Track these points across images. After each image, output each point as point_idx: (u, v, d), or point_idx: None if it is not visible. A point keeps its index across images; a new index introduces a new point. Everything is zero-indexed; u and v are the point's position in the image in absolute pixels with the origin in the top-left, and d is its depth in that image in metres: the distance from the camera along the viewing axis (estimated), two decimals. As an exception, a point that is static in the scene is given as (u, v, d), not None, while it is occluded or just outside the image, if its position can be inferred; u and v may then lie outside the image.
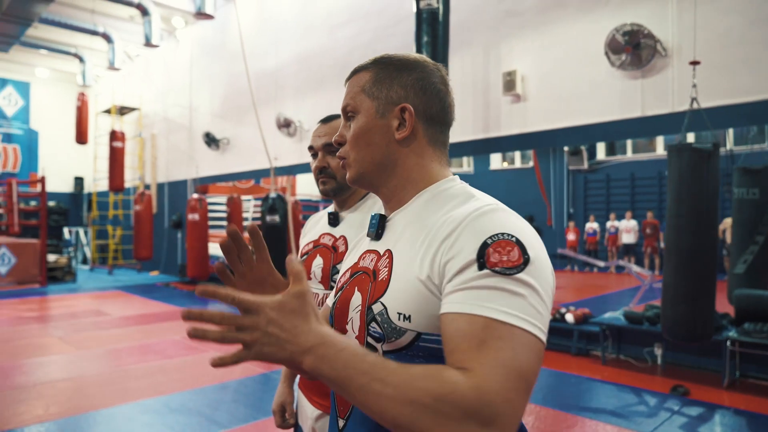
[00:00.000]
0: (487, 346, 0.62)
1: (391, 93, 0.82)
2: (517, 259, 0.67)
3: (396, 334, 0.73)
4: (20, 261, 9.55)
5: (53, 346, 5.26)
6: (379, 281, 0.77)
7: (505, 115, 5.70)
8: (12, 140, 14.80)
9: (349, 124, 0.85)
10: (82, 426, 3.20)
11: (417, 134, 0.83)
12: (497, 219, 0.71)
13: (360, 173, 0.84)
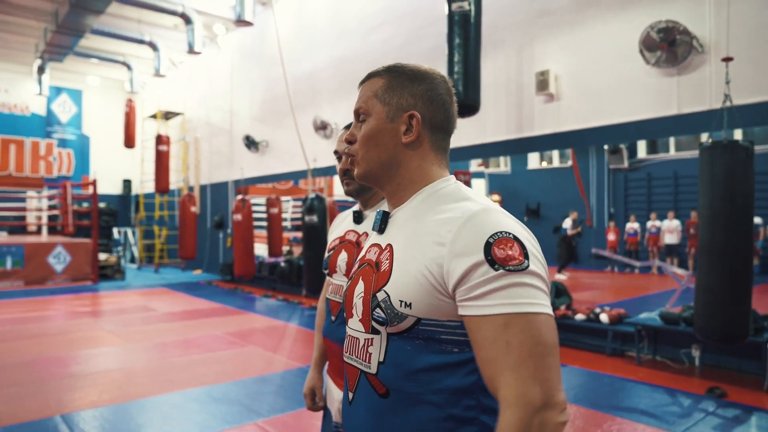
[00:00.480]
0: (511, 346, 0.75)
1: (401, 100, 0.92)
2: (519, 254, 0.77)
3: (398, 319, 0.83)
4: (74, 259, 10.08)
5: (104, 338, 5.58)
6: (381, 272, 0.87)
7: (539, 114, 5.71)
8: (66, 145, 15.58)
9: (360, 125, 0.95)
10: (132, 412, 3.43)
11: (422, 139, 0.93)
12: (492, 219, 0.81)
13: (367, 171, 0.94)
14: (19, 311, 7.20)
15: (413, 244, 0.85)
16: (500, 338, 0.75)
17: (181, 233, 11.18)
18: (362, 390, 0.90)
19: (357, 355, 0.91)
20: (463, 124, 6.31)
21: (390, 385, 0.85)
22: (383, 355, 0.86)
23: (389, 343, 0.86)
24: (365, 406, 0.88)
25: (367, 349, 0.89)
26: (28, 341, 5.36)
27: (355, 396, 0.92)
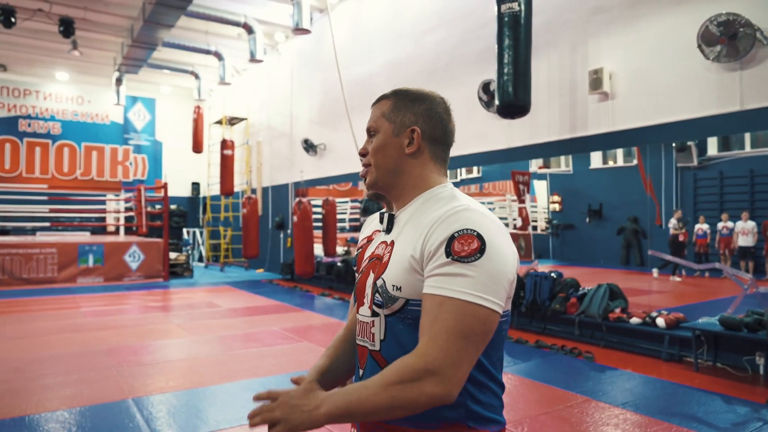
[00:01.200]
0: (437, 320, 0.89)
1: (404, 118, 1.07)
2: (474, 249, 0.89)
3: (391, 301, 0.97)
4: (147, 258, 10.79)
5: (173, 331, 5.98)
6: (382, 263, 1.02)
7: (592, 114, 5.61)
8: (141, 151, 16.63)
9: (372, 140, 1.10)
10: (195, 398, 3.70)
11: (422, 151, 1.07)
12: (465, 217, 0.93)
13: (377, 177, 1.09)
14: (99, 305, 7.81)
15: (408, 239, 0.99)
16: (433, 312, 0.90)
17: (244, 234, 11.71)
18: (369, 366, 1.03)
19: (365, 336, 1.04)
20: (515, 125, 6.30)
21: (389, 360, 0.98)
22: (383, 334, 1.00)
23: (387, 323, 0.99)
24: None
25: (371, 330, 1.02)
26: (106, 332, 5.84)
27: (364, 372, 1.05)
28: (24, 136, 14.87)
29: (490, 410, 0.99)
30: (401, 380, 0.87)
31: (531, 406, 3.58)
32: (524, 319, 6.08)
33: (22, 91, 14.87)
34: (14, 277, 9.45)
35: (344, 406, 0.89)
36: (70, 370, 4.30)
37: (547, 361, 4.72)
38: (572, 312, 5.54)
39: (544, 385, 4.02)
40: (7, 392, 3.77)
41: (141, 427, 3.15)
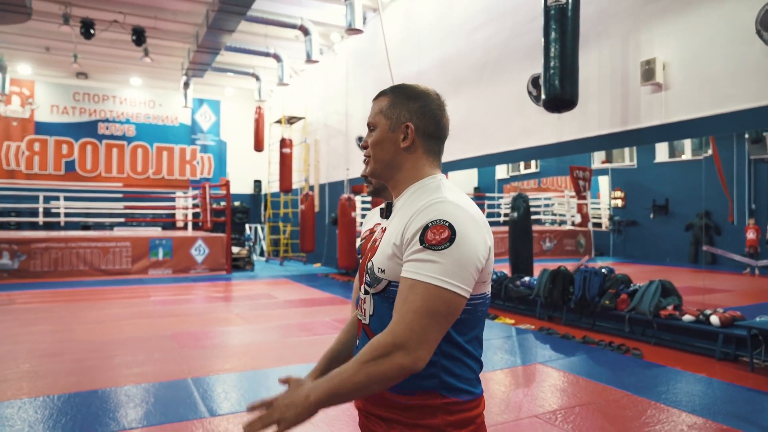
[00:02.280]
0: (407, 300, 1.00)
1: (400, 115, 1.17)
2: (444, 237, 1.00)
3: (377, 282, 1.10)
4: (212, 252, 11.40)
5: (232, 320, 6.35)
6: (374, 248, 1.15)
7: (645, 105, 5.47)
8: (207, 150, 17.49)
9: (371, 134, 1.21)
10: (248, 379, 3.97)
11: (416, 145, 1.17)
12: (441, 208, 1.04)
13: (374, 168, 1.21)
14: (167, 294, 8.38)
15: (395, 226, 1.11)
16: (404, 293, 1.01)
17: (301, 229, 12.13)
18: (362, 337, 1.18)
19: (360, 311, 1.19)
20: (565, 119, 6.23)
21: (375, 332, 1.11)
22: (372, 310, 1.13)
23: (374, 301, 1.13)
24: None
25: (364, 306, 1.17)
26: (172, 319, 6.29)
27: (359, 342, 1.20)
28: (103, 139, 16.02)
29: (464, 382, 1.10)
30: (374, 357, 0.98)
31: (567, 398, 3.59)
32: (573, 315, 6.02)
33: (101, 97, 16.01)
34: (94, 268, 10.27)
35: (329, 390, 1.00)
36: (139, 352, 4.70)
37: (592, 356, 4.68)
38: (622, 308, 5.44)
39: (585, 379, 4.01)
40: (86, 369, 4.19)
41: (197, 403, 3.44)
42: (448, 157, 8.65)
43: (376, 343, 1.00)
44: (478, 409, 1.13)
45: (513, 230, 7.67)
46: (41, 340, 5.12)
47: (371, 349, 1.00)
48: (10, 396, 3.55)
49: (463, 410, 1.10)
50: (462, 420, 1.09)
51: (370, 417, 1.16)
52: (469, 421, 1.11)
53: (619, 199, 15.43)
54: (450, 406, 1.08)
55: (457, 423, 1.08)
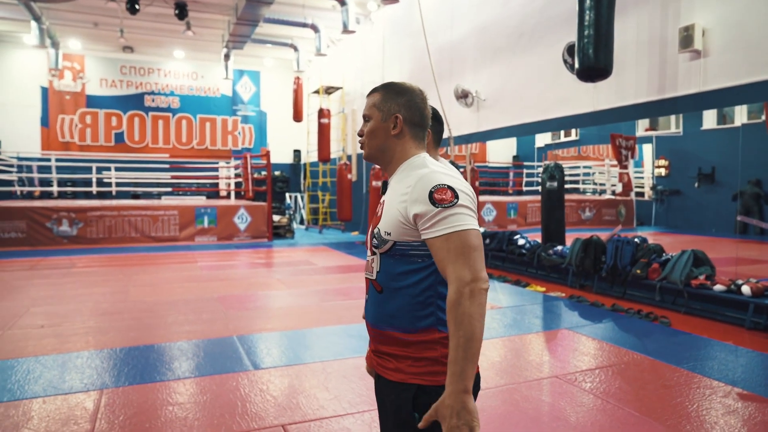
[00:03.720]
0: (450, 251, 1.22)
1: (390, 108, 1.40)
2: (450, 196, 1.23)
3: (383, 243, 1.33)
4: (254, 220, 11.84)
5: (274, 284, 6.71)
6: (377, 216, 1.38)
7: (683, 73, 5.38)
8: (248, 121, 17.91)
9: (366, 124, 1.44)
10: (288, 338, 4.29)
11: (404, 132, 1.41)
12: (435, 177, 1.27)
13: (369, 153, 1.44)
14: (214, 260, 8.85)
15: (393, 197, 1.34)
16: (444, 247, 1.22)
17: (339, 198, 12.42)
18: (371, 291, 1.40)
19: (368, 270, 1.41)
20: (601, 87, 6.18)
21: (383, 285, 1.34)
22: (379, 267, 1.35)
23: (381, 259, 1.35)
24: (372, 300, 1.39)
25: (372, 265, 1.39)
26: (218, 283, 6.70)
27: (368, 296, 1.42)
28: (149, 111, 16.62)
29: None
30: (463, 309, 1.16)
31: (589, 360, 3.75)
32: (604, 284, 6.09)
33: (146, 70, 16.54)
34: (144, 235, 10.87)
35: (461, 372, 1.15)
36: (188, 312, 5.10)
37: (619, 323, 4.79)
38: (653, 278, 5.48)
39: (608, 344, 4.14)
40: (142, 326, 4.60)
41: (242, 357, 3.77)
42: (483, 126, 8.68)
43: (454, 305, 1.17)
44: None
45: (546, 199, 7.71)
46: (102, 300, 5.59)
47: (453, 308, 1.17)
48: (79, 348, 3.98)
49: None
50: None
51: (381, 355, 1.38)
52: None
53: (663, 168, 15.04)
54: (446, 339, 1.29)
55: None
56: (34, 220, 10.07)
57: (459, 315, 1.16)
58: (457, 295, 1.17)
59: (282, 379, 3.37)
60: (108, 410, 2.89)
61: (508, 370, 3.57)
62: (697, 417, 2.82)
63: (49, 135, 15.52)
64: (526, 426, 2.72)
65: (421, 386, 1.29)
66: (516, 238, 7.94)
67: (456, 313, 1.17)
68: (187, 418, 2.81)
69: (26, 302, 5.46)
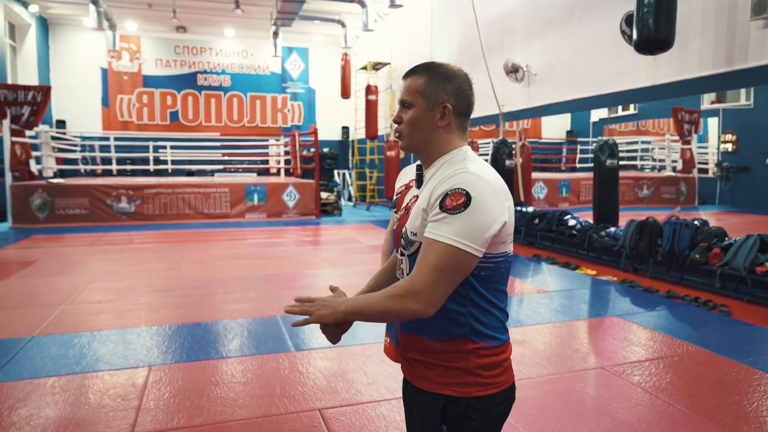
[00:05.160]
0: (424, 256, 1.15)
1: (438, 96, 1.26)
2: (460, 203, 1.12)
3: (410, 245, 1.24)
4: (302, 197, 11.99)
5: (319, 263, 6.79)
6: (407, 215, 1.28)
7: (754, 43, 4.95)
8: (297, 98, 18.03)
9: (406, 111, 1.30)
10: (329, 320, 4.32)
11: (451, 123, 1.28)
12: (461, 179, 1.15)
13: (410, 144, 1.31)
14: (261, 237, 9.04)
15: (425, 194, 1.23)
16: (424, 250, 1.16)
17: (386, 175, 12.37)
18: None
19: (399, 270, 1.34)
20: (662, 60, 5.80)
21: None
22: (409, 270, 1.27)
23: (410, 262, 1.27)
24: None
25: (401, 266, 1.32)
26: (266, 260, 6.84)
27: None
28: (202, 89, 17.00)
29: (491, 329, 1.23)
30: (394, 295, 1.15)
31: (639, 351, 3.58)
32: (660, 268, 5.81)
33: (198, 49, 16.87)
34: (197, 212, 11.23)
35: (356, 307, 1.20)
36: (235, 290, 5.23)
37: (674, 311, 4.55)
38: (714, 263, 5.17)
39: (661, 334, 3.95)
40: (190, 303, 4.76)
41: (285, 338, 3.83)
42: (534, 102, 8.36)
43: (399, 284, 1.17)
44: (505, 354, 1.27)
45: (598, 178, 7.39)
46: (155, 277, 5.82)
47: (394, 288, 1.17)
48: (131, 324, 4.16)
49: (491, 354, 1.24)
50: (490, 363, 1.24)
51: (411, 361, 1.32)
52: (497, 364, 1.25)
53: (730, 143, 14.11)
54: (480, 350, 1.22)
55: (485, 366, 1.23)
56: (96, 198, 10.57)
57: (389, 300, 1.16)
58: (402, 291, 1.15)
59: (321, 362, 3.40)
60: (155, 387, 3.00)
61: (552, 359, 3.46)
62: (756, 417, 2.65)
63: (109, 115, 16.17)
64: (567, 420, 2.63)
65: (450, 397, 1.23)
66: (566, 218, 7.67)
67: (391, 294, 1.16)
68: (228, 398, 2.88)
69: (86, 277, 5.75)
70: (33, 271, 6.12)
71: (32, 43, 14.13)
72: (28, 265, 6.40)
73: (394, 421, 2.62)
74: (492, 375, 1.24)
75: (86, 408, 2.75)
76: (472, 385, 1.22)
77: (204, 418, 2.65)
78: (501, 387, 1.25)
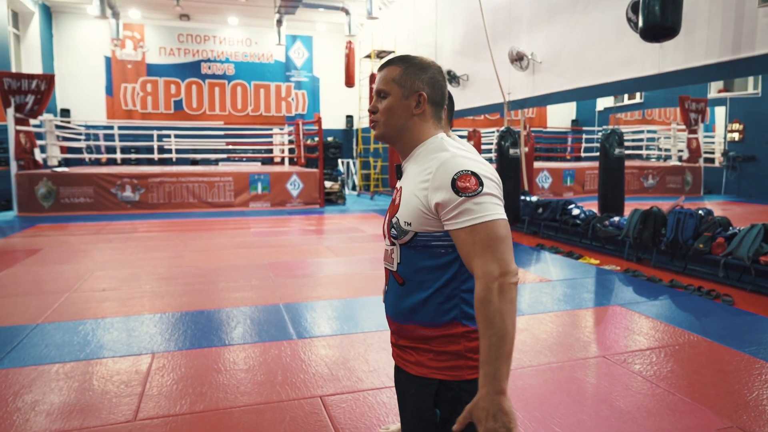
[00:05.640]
0: (475, 243, 1.13)
1: (413, 85, 1.29)
2: (474, 184, 1.13)
3: (403, 234, 1.24)
4: (306, 186, 12.00)
5: (323, 252, 6.80)
6: (395, 205, 1.29)
7: (762, 30, 4.88)
8: (301, 87, 17.96)
9: (381, 100, 1.32)
10: (337, 307, 4.34)
11: (426, 111, 1.30)
12: (457, 162, 1.17)
13: (385, 133, 1.32)
14: (265, 226, 9.06)
15: (411, 184, 1.24)
16: (470, 240, 1.14)
17: (390, 164, 12.34)
18: (391, 282, 1.33)
19: (387, 260, 1.34)
20: (668, 47, 5.74)
21: (405, 277, 1.27)
22: (399, 259, 1.28)
23: (401, 251, 1.27)
24: (392, 292, 1.32)
25: (391, 256, 1.31)
26: (269, 249, 6.86)
27: (387, 287, 1.36)
28: (206, 78, 16.95)
29: None
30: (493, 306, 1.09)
31: (640, 340, 3.59)
32: (663, 258, 5.79)
33: (202, 38, 16.81)
34: (202, 200, 11.25)
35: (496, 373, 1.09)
36: (238, 278, 5.25)
37: (676, 301, 4.55)
38: (718, 253, 5.15)
39: (663, 323, 3.94)
40: (192, 292, 4.78)
41: (287, 326, 3.85)
42: (539, 91, 8.30)
43: (483, 303, 1.10)
44: None
45: (604, 168, 7.35)
46: (159, 265, 5.85)
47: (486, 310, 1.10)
48: (135, 311, 4.19)
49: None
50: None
51: (402, 348, 1.33)
52: None
53: (737, 132, 13.99)
54: (470, 333, 1.23)
55: (475, 348, 1.23)
56: (101, 186, 10.60)
57: (490, 313, 1.09)
58: (485, 292, 1.10)
59: (323, 350, 3.42)
60: (158, 374, 3.03)
61: (554, 347, 3.47)
62: (756, 406, 2.65)
63: (113, 103, 16.17)
64: (567, 407, 2.64)
65: (443, 381, 1.24)
66: (570, 207, 7.65)
67: (486, 311, 1.10)
68: (230, 385, 2.90)
69: (90, 266, 5.79)
70: (38, 259, 6.17)
71: (35, 32, 14.11)
72: (34, 253, 6.45)
73: (394, 408, 2.63)
74: None
75: (90, 394, 2.78)
76: (464, 368, 1.23)
77: (206, 404, 2.67)
78: None
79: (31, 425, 2.46)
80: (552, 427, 2.45)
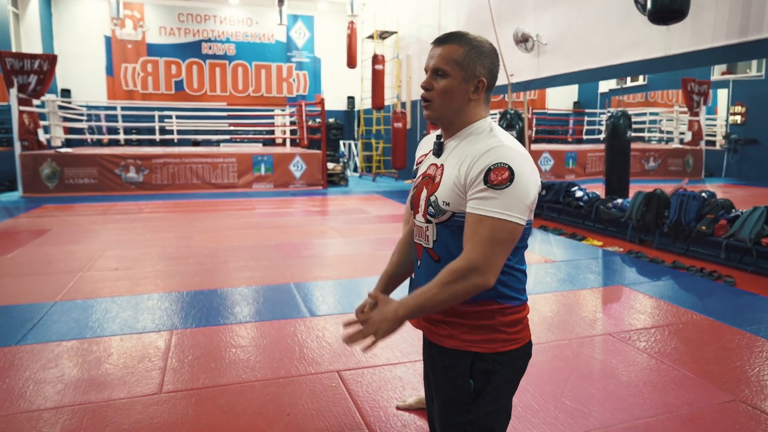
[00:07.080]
0: (476, 232, 1.20)
1: (475, 69, 1.30)
2: (505, 179, 1.18)
3: (441, 213, 1.29)
4: (308, 168, 12.03)
5: (329, 233, 6.87)
6: (434, 183, 1.32)
7: (770, 13, 4.89)
8: (302, 68, 17.86)
9: (438, 79, 1.31)
10: (345, 286, 4.43)
11: (481, 96, 1.33)
12: (500, 153, 1.21)
13: (440, 114, 1.34)
14: (270, 207, 9.12)
15: (454, 164, 1.28)
16: (474, 226, 1.20)
17: (393, 146, 12.37)
18: (425, 258, 1.38)
19: (421, 237, 1.38)
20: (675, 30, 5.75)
21: (441, 256, 1.32)
22: (435, 237, 1.33)
23: (437, 229, 1.32)
24: (426, 268, 1.37)
25: (426, 233, 1.36)
26: (275, 230, 6.93)
27: (421, 263, 1.41)
28: (207, 58, 16.85)
29: (514, 291, 1.31)
30: (454, 279, 1.20)
31: (644, 319, 3.68)
32: (666, 240, 5.87)
33: (203, 17, 16.66)
34: (205, 182, 11.29)
35: (415, 305, 1.24)
36: (248, 258, 5.33)
37: (679, 281, 4.64)
38: (720, 234, 5.23)
39: (666, 302, 4.04)
40: (204, 271, 4.87)
41: (299, 304, 3.94)
42: (544, 73, 8.30)
43: (453, 267, 1.21)
44: (524, 312, 1.36)
45: (609, 150, 7.40)
46: (168, 246, 5.92)
47: (450, 272, 1.21)
48: (150, 290, 4.27)
49: (513, 312, 1.32)
50: (513, 321, 1.32)
51: (435, 322, 1.39)
52: (519, 321, 1.34)
53: (739, 115, 14.00)
54: (504, 310, 1.30)
55: (508, 323, 1.31)
56: (104, 167, 10.63)
57: (450, 283, 1.20)
58: (461, 272, 1.19)
59: (337, 327, 3.51)
60: (178, 350, 3.12)
61: (560, 325, 3.56)
62: (758, 381, 2.75)
63: (114, 84, 16.09)
64: (576, 382, 2.74)
65: (477, 354, 1.30)
66: (573, 189, 7.71)
67: (449, 277, 1.20)
68: (249, 360, 2.99)
69: (100, 246, 5.86)
70: (48, 239, 6.24)
71: (35, 10, 13.99)
72: (42, 234, 6.51)
73: (410, 382, 2.73)
74: (515, 331, 1.32)
75: (114, 368, 2.87)
76: (498, 341, 1.30)
77: (228, 378, 2.77)
78: (522, 342, 1.34)
79: (62, 398, 2.55)
80: (563, 401, 2.55)
